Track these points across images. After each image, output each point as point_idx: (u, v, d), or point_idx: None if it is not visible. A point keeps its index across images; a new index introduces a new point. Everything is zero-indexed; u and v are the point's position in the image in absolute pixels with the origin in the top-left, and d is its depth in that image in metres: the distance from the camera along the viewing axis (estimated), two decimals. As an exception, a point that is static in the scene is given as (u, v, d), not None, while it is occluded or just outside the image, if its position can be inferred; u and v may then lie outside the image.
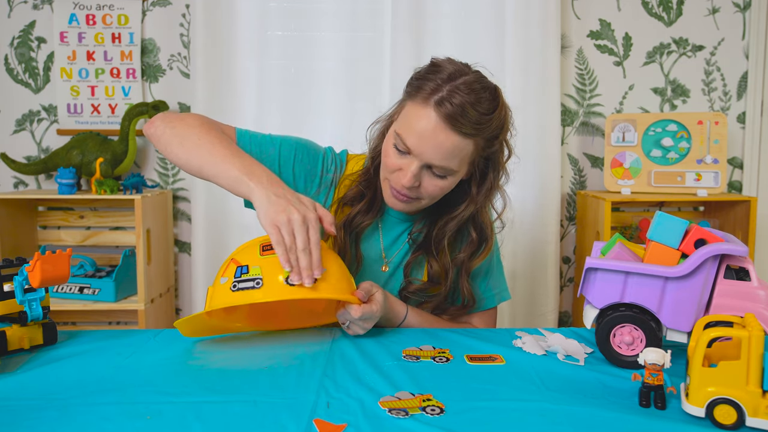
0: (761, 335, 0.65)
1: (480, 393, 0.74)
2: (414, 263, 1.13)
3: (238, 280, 0.87)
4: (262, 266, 0.87)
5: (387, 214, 1.15)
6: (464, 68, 1.00)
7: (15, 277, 0.86)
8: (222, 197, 2.12)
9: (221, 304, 0.87)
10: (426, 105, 0.96)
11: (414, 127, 0.97)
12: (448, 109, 0.94)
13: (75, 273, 2.02)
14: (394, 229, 1.15)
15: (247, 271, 0.87)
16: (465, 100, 0.94)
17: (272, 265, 0.87)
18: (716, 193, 1.99)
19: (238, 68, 2.10)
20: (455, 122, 0.94)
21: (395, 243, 1.15)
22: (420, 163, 0.98)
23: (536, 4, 2.06)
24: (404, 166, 1.00)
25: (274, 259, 0.87)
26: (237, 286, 0.87)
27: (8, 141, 2.21)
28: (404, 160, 1.00)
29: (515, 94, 2.08)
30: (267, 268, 0.87)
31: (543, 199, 2.12)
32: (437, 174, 1.00)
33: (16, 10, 2.17)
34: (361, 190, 1.11)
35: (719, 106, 2.23)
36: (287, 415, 0.67)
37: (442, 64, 1.00)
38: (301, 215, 0.85)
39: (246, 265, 0.88)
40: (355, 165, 1.17)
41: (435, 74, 0.98)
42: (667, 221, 0.83)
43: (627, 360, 0.84)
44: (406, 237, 1.14)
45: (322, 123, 2.13)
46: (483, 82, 0.99)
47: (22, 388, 0.75)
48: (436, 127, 0.95)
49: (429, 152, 0.97)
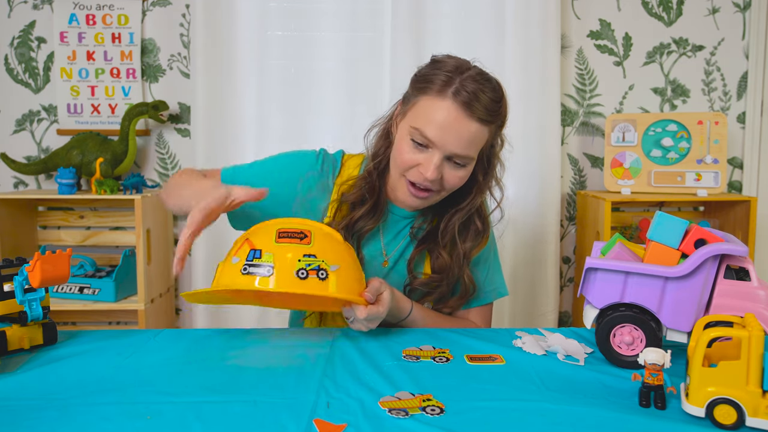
0: (761, 335, 0.65)
1: (480, 393, 0.74)
2: (417, 257, 1.13)
3: (250, 263, 0.86)
4: (275, 254, 0.86)
5: (389, 213, 1.15)
6: (466, 62, 1.04)
7: (15, 277, 0.86)
8: (222, 197, 2.12)
9: (230, 285, 0.87)
10: (443, 97, 0.99)
11: (433, 119, 0.99)
12: (464, 97, 0.97)
13: (75, 273, 2.02)
14: (394, 226, 1.16)
15: (260, 256, 0.86)
16: (478, 88, 0.98)
17: (286, 254, 0.86)
18: (716, 193, 1.99)
19: (238, 68, 2.10)
20: (473, 110, 0.98)
21: (395, 239, 1.15)
22: (442, 155, 1.01)
23: (536, 4, 2.06)
24: (424, 160, 1.02)
25: (288, 248, 0.86)
26: (248, 270, 0.86)
27: (8, 141, 2.21)
28: (423, 154, 1.02)
29: (515, 94, 2.08)
30: (280, 257, 0.86)
31: (543, 199, 2.12)
32: (458, 163, 1.03)
33: (16, 10, 2.17)
34: (363, 194, 1.11)
35: (719, 106, 2.23)
36: (287, 415, 0.67)
37: (444, 60, 1.04)
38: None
39: (260, 249, 0.87)
40: (353, 164, 1.18)
41: (441, 69, 1.01)
42: (667, 221, 0.83)
43: (627, 360, 0.84)
44: (407, 232, 1.15)
45: (322, 123, 2.13)
46: (484, 73, 1.03)
47: (22, 388, 0.75)
48: (457, 116, 0.98)
49: (451, 142, 0.99)
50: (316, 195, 1.14)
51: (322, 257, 0.87)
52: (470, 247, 1.12)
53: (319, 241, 0.89)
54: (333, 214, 1.13)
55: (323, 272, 0.86)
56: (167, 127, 2.21)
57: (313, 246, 0.88)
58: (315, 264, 0.86)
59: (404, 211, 1.14)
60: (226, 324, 2.12)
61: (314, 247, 0.88)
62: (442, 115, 0.98)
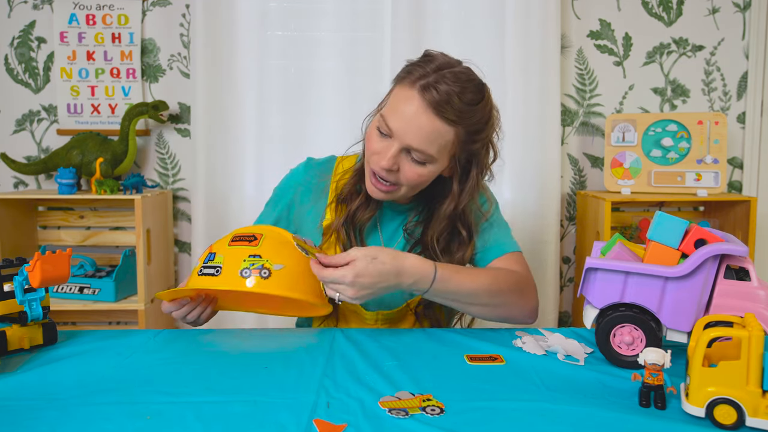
0: (761, 335, 0.65)
1: (480, 393, 0.74)
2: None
3: (205, 265, 0.92)
4: (225, 256, 0.91)
5: (384, 206, 1.16)
6: (455, 61, 1.03)
7: (15, 277, 0.86)
8: (222, 197, 2.12)
9: (188, 286, 0.93)
10: (411, 88, 0.98)
11: (398, 109, 0.99)
12: (432, 94, 0.96)
13: (75, 273, 2.02)
14: (391, 223, 1.16)
15: (213, 259, 0.92)
16: (450, 88, 0.96)
17: (234, 255, 0.91)
18: (716, 193, 1.99)
19: (238, 68, 2.10)
20: (438, 107, 0.96)
21: (394, 236, 1.16)
22: (400, 145, 0.99)
23: (536, 4, 2.06)
24: (383, 149, 1.01)
25: (237, 250, 0.91)
26: (202, 271, 0.92)
27: (8, 141, 2.21)
28: (385, 142, 1.01)
29: (515, 95, 2.08)
30: (228, 258, 0.91)
31: (543, 199, 2.12)
32: (416, 159, 1.01)
33: (16, 10, 2.17)
34: (356, 186, 1.13)
35: (719, 106, 2.23)
36: (287, 415, 0.67)
37: (435, 56, 1.04)
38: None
39: (214, 253, 0.93)
40: (347, 165, 1.19)
41: (426, 64, 1.01)
42: (667, 221, 0.83)
43: (627, 360, 0.84)
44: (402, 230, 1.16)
45: (322, 123, 2.13)
46: (470, 75, 1.01)
47: (22, 388, 0.75)
48: (418, 109, 0.97)
49: (410, 134, 0.98)
50: (311, 204, 1.17)
51: (266, 257, 0.90)
52: (461, 256, 1.11)
53: (268, 243, 0.93)
54: (333, 215, 1.13)
55: (266, 271, 0.89)
56: (167, 127, 2.21)
57: (260, 247, 0.92)
58: (258, 263, 0.89)
59: (397, 206, 1.15)
60: (226, 324, 2.12)
61: (261, 248, 0.91)
62: (406, 106, 0.98)
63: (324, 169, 1.20)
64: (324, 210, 1.15)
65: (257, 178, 2.14)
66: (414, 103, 0.97)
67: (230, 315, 2.13)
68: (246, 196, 2.13)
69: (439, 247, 1.10)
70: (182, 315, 1.02)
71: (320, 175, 1.19)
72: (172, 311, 1.01)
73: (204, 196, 2.10)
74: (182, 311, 1.01)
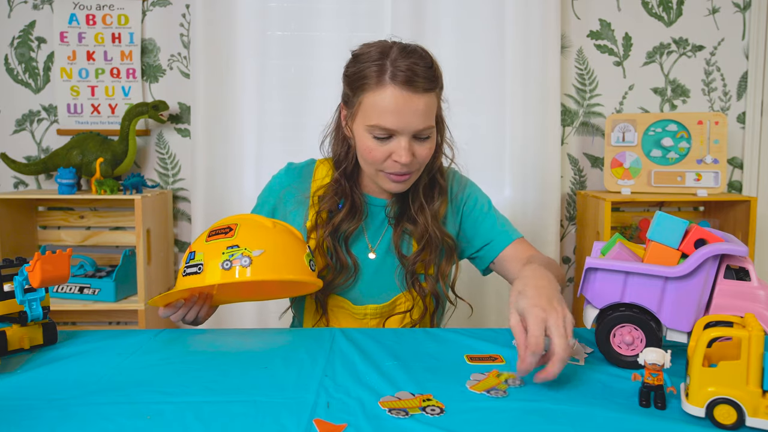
0: (761, 335, 0.65)
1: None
2: (401, 239, 1.15)
3: (187, 265, 0.93)
4: (205, 252, 0.92)
5: (368, 206, 1.18)
6: (386, 42, 1.08)
7: (15, 277, 0.86)
8: (222, 197, 2.12)
9: (175, 287, 0.93)
10: (383, 85, 1.01)
11: (384, 109, 1.01)
12: (402, 77, 1.00)
13: (75, 273, 2.02)
14: (375, 219, 1.18)
15: (194, 257, 0.92)
16: (410, 62, 1.00)
17: (213, 250, 0.91)
18: (716, 193, 1.99)
19: (238, 68, 2.10)
20: (415, 84, 1.00)
21: (379, 229, 1.18)
22: (408, 137, 1.03)
23: (536, 4, 2.06)
24: (394, 148, 1.04)
25: (214, 245, 0.91)
26: (186, 272, 0.92)
27: (8, 141, 2.21)
28: (390, 143, 1.04)
29: (516, 95, 2.08)
30: (208, 254, 0.91)
31: (543, 199, 2.12)
32: (423, 137, 1.05)
33: (16, 10, 2.17)
34: (338, 200, 1.15)
35: (719, 106, 2.23)
36: (287, 415, 0.67)
37: (365, 51, 1.08)
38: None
39: (194, 251, 0.93)
40: (325, 169, 1.21)
41: (368, 61, 1.04)
42: (667, 221, 0.83)
43: (627, 360, 0.84)
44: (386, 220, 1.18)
45: (322, 123, 2.12)
46: (408, 44, 1.06)
47: (22, 388, 0.75)
48: (404, 97, 1.00)
49: (411, 122, 1.02)
50: (295, 207, 1.19)
51: (245, 245, 0.91)
52: (437, 206, 1.16)
53: (243, 232, 0.93)
54: (315, 218, 1.15)
55: (246, 259, 0.89)
56: (167, 127, 2.21)
57: (236, 237, 0.92)
58: (238, 253, 0.90)
59: (382, 200, 1.18)
60: (226, 324, 2.12)
61: (237, 238, 0.92)
62: (391, 102, 1.00)
63: (305, 173, 1.22)
64: (307, 211, 1.18)
65: (257, 178, 2.14)
66: (396, 94, 1.00)
67: (230, 315, 2.13)
68: (246, 196, 2.13)
69: (419, 203, 1.14)
70: (180, 317, 1.02)
71: (301, 179, 1.22)
72: (169, 315, 1.01)
73: (204, 196, 2.10)
74: (179, 314, 1.02)
